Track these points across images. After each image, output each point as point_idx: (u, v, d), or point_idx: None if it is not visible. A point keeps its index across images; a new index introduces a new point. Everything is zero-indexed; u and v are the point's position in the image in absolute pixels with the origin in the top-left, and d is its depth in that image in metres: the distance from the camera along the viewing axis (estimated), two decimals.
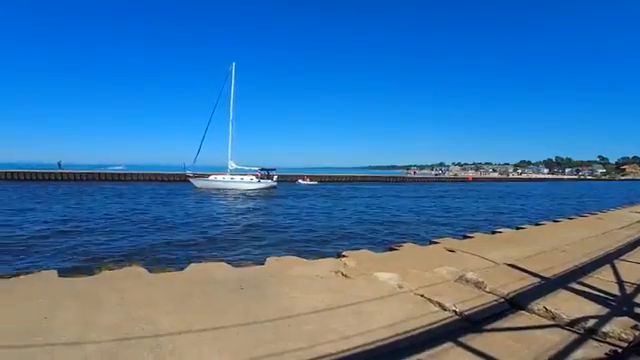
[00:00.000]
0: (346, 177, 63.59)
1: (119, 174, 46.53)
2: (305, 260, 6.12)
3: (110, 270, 5.33)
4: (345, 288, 4.59)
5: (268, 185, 36.59)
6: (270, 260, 5.97)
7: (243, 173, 37.46)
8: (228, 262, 5.86)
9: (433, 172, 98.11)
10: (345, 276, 5.11)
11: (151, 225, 14.48)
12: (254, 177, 37.13)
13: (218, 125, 53.10)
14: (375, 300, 4.19)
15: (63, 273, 5.14)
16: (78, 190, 30.72)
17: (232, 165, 37.51)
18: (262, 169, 38.51)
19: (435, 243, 8.04)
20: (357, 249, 7.56)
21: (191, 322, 3.53)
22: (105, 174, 45.04)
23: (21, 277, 4.89)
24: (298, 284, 4.70)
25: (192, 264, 5.65)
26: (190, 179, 36.97)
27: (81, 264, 8.14)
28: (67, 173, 43.95)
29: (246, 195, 30.83)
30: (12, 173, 41.22)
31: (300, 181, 51.41)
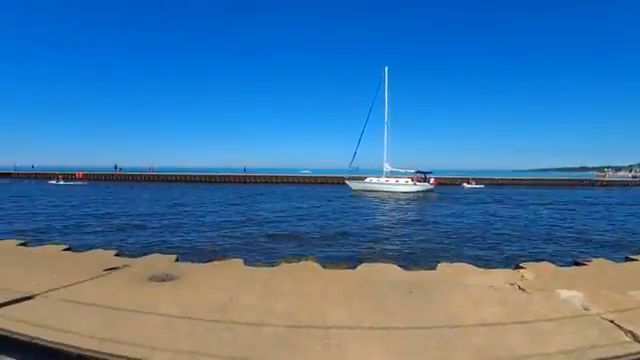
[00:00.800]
0: (517, 180, 55.30)
1: (298, 177, 53.23)
2: (479, 269, 5.56)
3: (288, 263, 5.71)
4: (520, 303, 4.06)
5: (424, 188, 35.21)
6: (442, 266, 5.62)
7: (399, 176, 36.90)
8: (400, 265, 5.67)
9: (630, 174, 75.19)
10: (522, 290, 4.53)
11: (317, 225, 15.49)
12: (409, 180, 36.08)
13: (372, 127, 49.11)
14: (554, 320, 3.58)
15: (248, 262, 5.77)
16: (266, 191, 35.04)
17: (387, 167, 37.34)
18: (418, 172, 37.28)
19: (633, 260, 6.38)
20: (538, 261, 6.48)
21: (359, 319, 3.44)
22: (287, 177, 52.31)
23: (215, 262, 5.70)
24: (469, 293, 4.32)
25: (363, 264, 5.72)
26: (346, 181, 37.55)
27: (263, 256, 9.12)
28: (251, 176, 52.67)
29: (401, 198, 30.06)
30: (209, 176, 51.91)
31: (465, 184, 47.31)
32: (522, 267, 5.54)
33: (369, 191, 34.50)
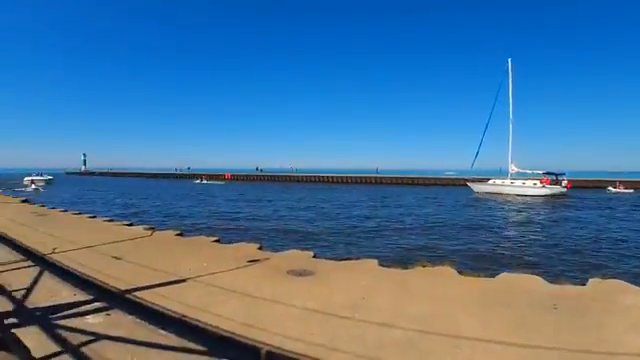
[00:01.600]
0: None
1: (419, 178, 50.53)
2: (637, 288, 4.53)
3: (424, 267, 5.52)
4: None
5: (556, 191, 30.86)
6: (593, 282, 4.79)
7: (526, 177, 33.23)
8: (544, 278, 4.96)
9: None
10: None
11: (453, 228, 14.42)
12: (538, 182, 31.98)
13: (493, 125, 43.70)
14: None
15: (382, 262, 5.76)
16: (396, 192, 32.84)
17: (513, 169, 33.86)
18: (547, 173, 32.80)
19: None
20: None
21: (494, 332, 3.14)
22: (412, 178, 50.38)
23: (350, 261, 5.97)
24: (629, 316, 3.60)
25: (504, 273, 5.23)
26: (468, 183, 35.65)
27: (398, 257, 8.97)
28: (380, 177, 52.52)
29: (529, 202, 26.74)
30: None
31: (611, 188, 37.57)
32: None
33: (493, 194, 32.15)
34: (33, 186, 39.08)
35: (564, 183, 32.06)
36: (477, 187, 34.86)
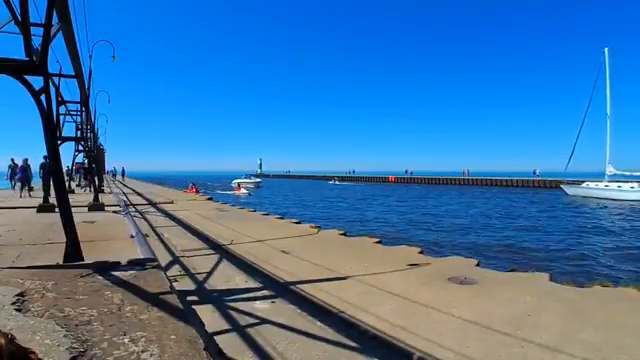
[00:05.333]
0: None
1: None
2: None
3: (603, 287, 4.76)
4: None
5: None
6: None
7: (624, 180, 31.49)
8: None
9: None
10: None
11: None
12: (635, 185, 29.99)
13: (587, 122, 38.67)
14: None
15: (554, 278, 5.18)
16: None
17: (610, 170, 32.22)
18: None
19: None
20: None
21: None
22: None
23: (517, 273, 5.45)
24: None
25: None
26: (562, 186, 35.72)
27: (574, 272, 7.82)
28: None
29: (628, 207, 25.91)
30: None
31: None
32: None
33: (588, 197, 31.62)
34: (243, 190, 40.95)
35: None
36: (572, 190, 34.47)
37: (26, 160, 17.27)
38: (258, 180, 50.70)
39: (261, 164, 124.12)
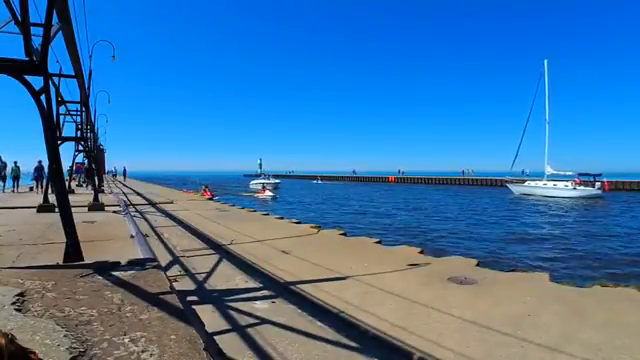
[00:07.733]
0: None
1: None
2: None
3: (603, 287, 4.78)
4: None
5: (587, 194, 31.43)
6: None
7: (560, 179, 34.34)
8: None
9: None
10: None
11: None
12: (568, 184, 33.02)
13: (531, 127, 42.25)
14: None
15: (554, 278, 5.17)
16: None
17: (549, 170, 35.43)
18: (580, 174, 33.81)
19: None
20: None
21: None
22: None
23: (517, 273, 5.46)
24: None
25: None
26: (507, 184, 38.04)
27: (573, 272, 7.84)
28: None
29: (561, 204, 28.13)
30: None
31: None
32: None
33: (529, 195, 34.20)
34: (268, 193, 35.88)
35: (598, 185, 32.56)
36: (516, 188, 36.82)
37: (40, 161, 18.95)
38: (277, 181, 44.55)
39: (261, 164, 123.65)
